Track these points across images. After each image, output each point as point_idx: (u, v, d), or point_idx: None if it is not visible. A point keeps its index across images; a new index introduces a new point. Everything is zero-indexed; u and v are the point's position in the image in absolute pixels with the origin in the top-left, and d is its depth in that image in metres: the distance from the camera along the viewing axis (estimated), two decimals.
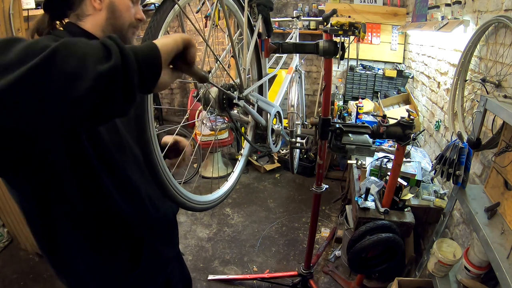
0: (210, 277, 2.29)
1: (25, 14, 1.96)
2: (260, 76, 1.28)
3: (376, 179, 1.87)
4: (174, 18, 0.72)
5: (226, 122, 2.91)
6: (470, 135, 1.30)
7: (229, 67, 2.64)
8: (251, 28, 1.14)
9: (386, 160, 1.98)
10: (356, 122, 2.79)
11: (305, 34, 3.61)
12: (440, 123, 2.24)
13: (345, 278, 2.26)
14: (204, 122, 2.55)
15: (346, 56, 1.37)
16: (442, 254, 1.36)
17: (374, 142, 2.40)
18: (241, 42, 1.10)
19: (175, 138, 1.03)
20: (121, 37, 0.61)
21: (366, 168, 2.06)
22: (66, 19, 0.79)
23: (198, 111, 2.83)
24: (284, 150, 2.30)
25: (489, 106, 1.12)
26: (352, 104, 3.22)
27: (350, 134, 1.56)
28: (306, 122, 2.32)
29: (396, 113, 2.75)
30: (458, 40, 1.95)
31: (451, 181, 1.29)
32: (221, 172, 3.66)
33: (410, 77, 3.16)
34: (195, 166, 3.63)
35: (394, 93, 3.25)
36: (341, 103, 3.43)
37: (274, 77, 1.56)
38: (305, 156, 3.58)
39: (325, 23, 1.47)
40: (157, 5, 0.69)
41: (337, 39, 1.35)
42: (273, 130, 1.31)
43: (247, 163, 3.03)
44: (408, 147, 1.72)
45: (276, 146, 1.40)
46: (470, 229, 1.62)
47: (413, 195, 1.87)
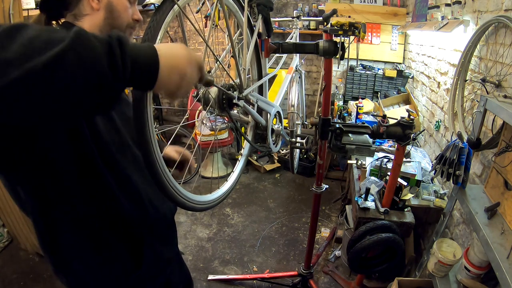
0: (210, 277, 2.30)
1: (25, 14, 1.96)
2: (260, 76, 1.28)
3: (376, 179, 1.87)
4: (173, 18, 0.72)
5: (226, 122, 2.91)
6: (470, 135, 1.30)
7: (229, 67, 2.64)
8: (251, 28, 1.13)
9: (386, 160, 1.98)
10: (356, 122, 2.79)
11: (305, 34, 3.61)
12: (440, 123, 2.24)
13: (345, 278, 2.26)
14: (204, 122, 2.55)
15: (346, 56, 1.37)
16: (442, 254, 1.36)
17: (374, 142, 2.40)
18: (241, 42, 1.10)
19: (180, 152, 1.05)
20: None
21: (366, 168, 2.06)
22: (63, 19, 0.78)
23: (198, 111, 2.83)
24: (284, 150, 2.30)
25: (489, 106, 1.12)
26: (352, 104, 3.22)
27: (350, 134, 1.56)
28: (306, 122, 2.32)
29: (396, 113, 2.75)
30: (458, 40, 1.95)
31: (451, 181, 1.29)
32: (221, 172, 3.66)
33: (410, 77, 3.16)
34: (195, 166, 3.63)
35: (394, 93, 3.25)
36: (341, 103, 3.43)
37: (274, 77, 1.55)
38: (305, 156, 3.58)
39: (325, 23, 1.47)
40: (156, 5, 0.69)
41: (337, 39, 1.35)
42: (273, 130, 1.31)
43: (247, 163, 3.03)
44: (408, 147, 1.72)
45: (276, 146, 1.40)
46: (470, 229, 1.61)
47: (413, 195, 1.87)
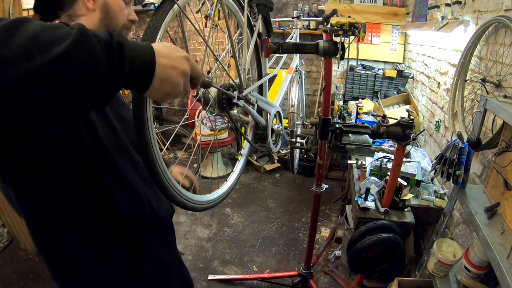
0: (210, 277, 2.30)
1: (25, 14, 1.96)
2: (260, 76, 1.28)
3: (376, 179, 1.87)
4: (173, 18, 0.72)
5: (226, 122, 2.91)
6: (470, 135, 1.30)
7: (229, 67, 2.64)
8: (251, 28, 1.13)
9: (386, 160, 1.98)
10: (356, 122, 2.79)
11: (305, 34, 3.61)
12: (440, 123, 2.24)
13: (345, 278, 2.26)
14: (203, 122, 2.55)
15: (346, 56, 1.37)
16: (442, 254, 1.36)
17: (374, 142, 2.40)
18: (241, 42, 1.10)
19: (185, 173, 1.07)
20: None
21: (366, 168, 2.06)
22: (57, 20, 0.77)
23: (198, 111, 2.83)
24: (284, 150, 2.30)
25: (489, 106, 1.12)
26: (352, 104, 3.22)
27: (350, 134, 1.56)
28: (306, 122, 2.32)
29: (396, 113, 2.75)
30: (458, 40, 1.95)
31: (451, 181, 1.29)
32: (221, 172, 3.66)
33: (410, 77, 3.16)
34: (195, 166, 3.63)
35: (394, 93, 3.25)
36: (341, 103, 3.43)
37: (274, 77, 1.55)
38: (305, 156, 3.57)
39: (325, 23, 1.47)
40: (156, 5, 0.69)
41: (337, 39, 1.35)
42: (273, 130, 1.31)
43: (247, 163, 3.03)
44: (408, 147, 1.72)
45: (276, 146, 1.40)
46: (470, 229, 1.61)
47: (413, 195, 1.87)
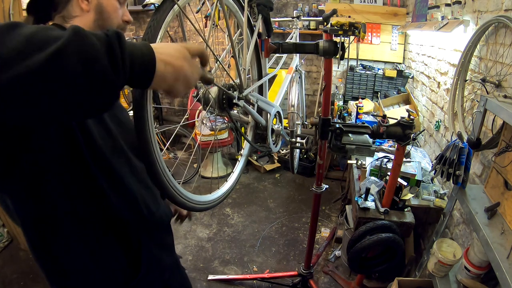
0: (210, 277, 2.30)
1: (25, 14, 1.96)
2: (260, 76, 1.28)
3: (376, 179, 1.87)
4: (174, 18, 0.72)
5: (226, 122, 2.91)
6: (470, 135, 1.30)
7: (229, 67, 2.64)
8: (251, 28, 1.14)
9: (386, 160, 1.98)
10: (356, 122, 2.79)
11: (305, 34, 3.61)
12: (440, 123, 2.24)
13: (345, 278, 2.26)
14: (204, 122, 2.55)
15: (346, 56, 1.37)
16: (442, 254, 1.36)
17: (374, 142, 2.40)
18: (241, 42, 1.10)
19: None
20: None
21: (366, 168, 2.06)
22: (51, 22, 0.76)
23: (198, 111, 2.83)
24: (284, 150, 2.30)
25: (489, 106, 1.12)
26: (352, 104, 3.22)
27: (350, 134, 1.56)
28: (306, 122, 2.32)
29: (396, 113, 2.75)
30: (458, 40, 1.95)
31: (451, 181, 1.29)
32: (221, 172, 3.66)
33: (410, 77, 3.16)
34: (195, 166, 3.63)
35: (394, 93, 3.25)
36: (341, 103, 3.43)
37: (274, 77, 1.56)
38: (305, 156, 3.58)
39: (325, 23, 1.47)
40: (157, 5, 0.69)
41: (337, 39, 1.35)
42: (273, 130, 1.31)
43: (247, 163, 3.03)
44: (408, 147, 1.72)
45: (276, 146, 1.40)
46: (470, 229, 1.61)
47: (413, 195, 1.87)
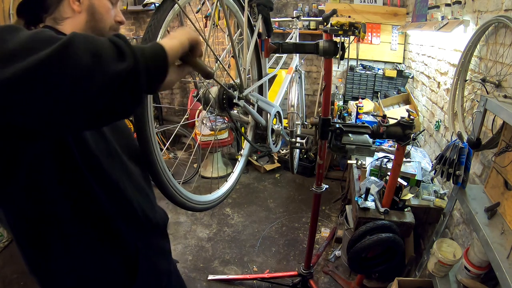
0: (210, 277, 2.29)
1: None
2: (260, 76, 1.28)
3: (376, 179, 1.87)
4: (174, 17, 0.72)
5: (226, 122, 2.91)
6: (470, 135, 1.30)
7: (229, 67, 2.64)
8: (251, 28, 1.14)
9: (386, 160, 1.98)
10: (356, 122, 2.79)
11: (305, 34, 3.61)
12: (440, 123, 2.24)
13: (345, 278, 2.26)
14: (204, 122, 2.55)
15: (346, 56, 1.38)
16: (442, 254, 1.36)
17: (374, 142, 2.40)
18: (241, 42, 1.10)
19: None
20: None
21: (366, 168, 2.06)
22: (42, 24, 0.74)
23: (198, 111, 2.83)
24: (284, 150, 2.30)
25: (489, 106, 1.12)
26: (352, 104, 3.22)
27: (350, 134, 1.56)
28: (306, 122, 2.32)
29: (396, 113, 2.75)
30: (458, 40, 1.95)
31: (451, 181, 1.29)
32: (221, 172, 3.66)
33: (410, 77, 3.16)
34: (195, 166, 3.63)
35: (394, 93, 3.25)
36: (341, 103, 3.43)
37: (274, 77, 1.56)
38: (305, 156, 3.58)
39: (325, 23, 1.47)
40: (157, 4, 0.69)
41: (337, 39, 1.35)
42: (273, 130, 1.32)
43: (247, 163, 3.03)
44: (408, 147, 1.72)
45: (276, 146, 1.40)
46: (470, 229, 1.61)
47: (413, 195, 1.87)
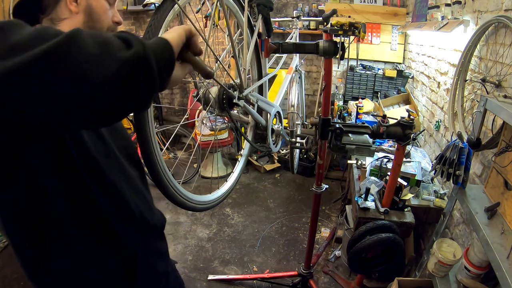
0: (210, 277, 2.30)
1: None
2: (260, 76, 1.28)
3: (376, 179, 1.87)
4: (174, 17, 0.72)
5: (226, 122, 2.91)
6: (470, 135, 1.30)
7: (229, 67, 2.64)
8: (251, 28, 1.14)
9: (386, 160, 1.98)
10: (356, 122, 2.79)
11: (305, 34, 3.61)
12: (440, 123, 2.24)
13: (345, 278, 2.26)
14: (204, 122, 2.55)
15: (346, 56, 1.38)
16: (442, 254, 1.36)
17: (374, 142, 2.40)
18: (241, 42, 1.10)
19: None
20: None
21: (366, 168, 2.06)
22: (39, 25, 0.72)
23: (198, 111, 2.83)
24: (284, 150, 2.30)
25: (489, 106, 1.12)
26: (352, 104, 3.22)
27: (350, 134, 1.56)
28: (306, 122, 2.32)
29: (396, 113, 2.75)
30: (458, 40, 1.95)
31: (451, 181, 1.29)
32: (221, 172, 3.66)
33: (410, 77, 3.16)
34: (195, 166, 3.63)
35: (394, 93, 3.25)
36: (341, 103, 3.43)
37: (274, 77, 1.56)
38: (305, 156, 3.58)
39: (325, 23, 1.47)
40: (157, 4, 0.69)
41: (337, 39, 1.35)
42: (273, 130, 1.32)
43: (247, 163, 3.03)
44: (408, 147, 1.72)
45: (276, 146, 1.40)
46: (470, 229, 1.62)
47: (413, 195, 1.87)
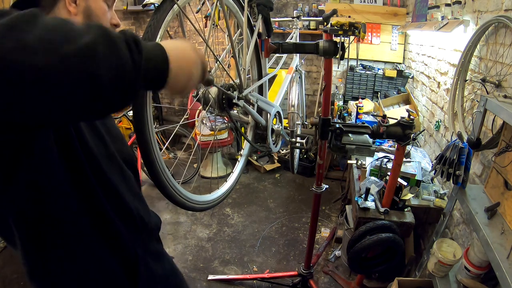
0: (210, 277, 2.29)
1: None
2: (260, 76, 1.28)
3: (376, 179, 1.87)
4: (173, 17, 0.72)
5: (226, 122, 2.91)
6: (470, 135, 1.30)
7: (229, 67, 2.64)
8: (251, 28, 1.14)
9: (386, 160, 1.98)
10: (356, 122, 2.79)
11: (305, 34, 3.61)
12: (440, 123, 2.24)
13: (345, 278, 2.26)
14: (203, 122, 2.55)
15: (346, 56, 1.38)
16: (442, 254, 1.36)
17: (374, 142, 2.40)
18: (241, 42, 1.10)
19: None
20: None
21: (366, 168, 2.06)
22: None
23: (198, 111, 2.83)
24: (284, 150, 2.31)
25: (489, 106, 1.12)
26: (352, 104, 3.22)
27: (350, 134, 1.56)
28: (306, 122, 2.32)
29: (396, 113, 2.75)
30: (458, 40, 1.95)
31: (451, 181, 1.29)
32: (220, 172, 3.66)
33: (410, 77, 3.16)
34: (195, 166, 3.63)
35: (394, 93, 3.25)
36: (341, 103, 3.43)
37: (274, 77, 1.56)
38: (305, 156, 3.57)
39: (325, 23, 1.47)
40: (156, 4, 0.69)
41: (337, 39, 1.35)
42: (273, 130, 1.32)
43: (247, 163, 3.03)
44: (408, 147, 1.72)
45: (276, 146, 1.40)
46: (470, 229, 1.61)
47: (413, 195, 1.87)
